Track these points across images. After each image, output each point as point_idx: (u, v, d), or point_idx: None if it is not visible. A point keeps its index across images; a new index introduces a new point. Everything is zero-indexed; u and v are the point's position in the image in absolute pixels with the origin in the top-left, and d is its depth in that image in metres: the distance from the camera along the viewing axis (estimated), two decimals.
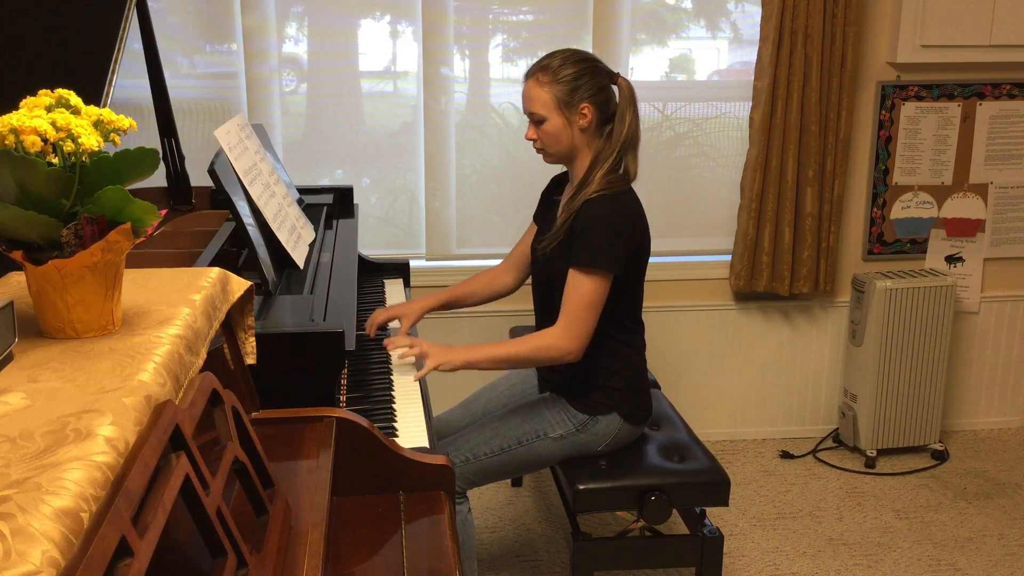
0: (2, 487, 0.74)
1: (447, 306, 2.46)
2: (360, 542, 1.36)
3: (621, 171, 2.15)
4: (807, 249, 3.26)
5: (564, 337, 2.09)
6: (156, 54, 2.40)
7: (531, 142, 2.20)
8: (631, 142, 2.15)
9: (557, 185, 2.38)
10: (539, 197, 2.43)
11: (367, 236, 3.21)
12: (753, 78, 3.17)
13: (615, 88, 2.16)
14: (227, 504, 1.00)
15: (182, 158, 2.55)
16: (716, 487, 2.22)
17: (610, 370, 2.21)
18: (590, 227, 2.08)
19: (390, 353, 2.15)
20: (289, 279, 1.98)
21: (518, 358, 2.15)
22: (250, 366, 1.45)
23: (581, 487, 2.17)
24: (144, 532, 0.79)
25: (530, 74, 2.15)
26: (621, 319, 2.21)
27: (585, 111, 2.12)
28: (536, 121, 2.15)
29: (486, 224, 3.29)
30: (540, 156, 2.23)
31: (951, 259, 3.48)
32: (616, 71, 2.18)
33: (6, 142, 1.00)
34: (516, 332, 3.00)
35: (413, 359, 2.13)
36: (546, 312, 2.25)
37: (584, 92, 2.11)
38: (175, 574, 0.92)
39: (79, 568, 0.69)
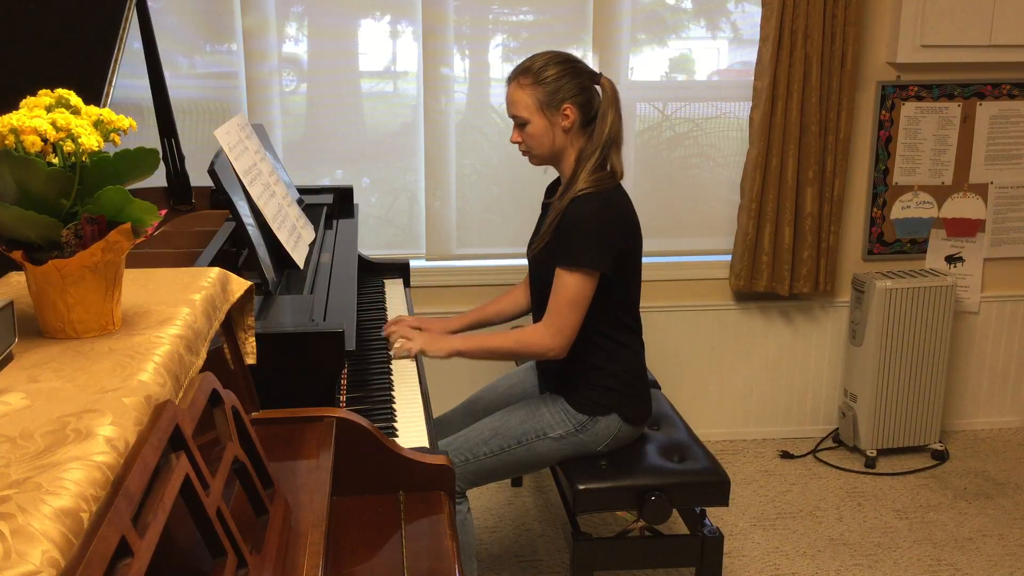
0: (2, 487, 0.74)
1: (472, 327, 2.46)
2: (360, 542, 1.36)
3: (607, 169, 2.16)
4: (807, 249, 3.26)
5: (547, 334, 2.13)
6: (156, 54, 2.40)
7: (516, 145, 2.22)
8: (614, 141, 2.16)
9: (552, 192, 2.38)
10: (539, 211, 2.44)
11: (367, 236, 3.21)
12: (753, 78, 3.17)
13: (598, 88, 2.17)
14: (227, 504, 1.00)
15: (182, 158, 2.55)
16: (716, 487, 2.22)
17: (606, 371, 2.21)
18: (575, 225, 2.09)
19: (388, 339, 2.20)
20: (289, 279, 1.98)
21: (502, 350, 2.20)
22: (250, 366, 1.45)
23: (581, 487, 2.17)
24: (144, 532, 0.79)
25: (511, 77, 2.17)
26: (615, 318, 2.21)
27: (567, 112, 2.13)
28: (519, 124, 2.17)
29: (486, 224, 3.29)
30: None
31: (951, 259, 3.48)
32: (599, 71, 2.20)
33: (6, 142, 1.00)
34: None
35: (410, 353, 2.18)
36: (541, 313, 2.25)
37: (566, 93, 2.12)
38: (175, 574, 0.92)
39: (79, 568, 0.69)
